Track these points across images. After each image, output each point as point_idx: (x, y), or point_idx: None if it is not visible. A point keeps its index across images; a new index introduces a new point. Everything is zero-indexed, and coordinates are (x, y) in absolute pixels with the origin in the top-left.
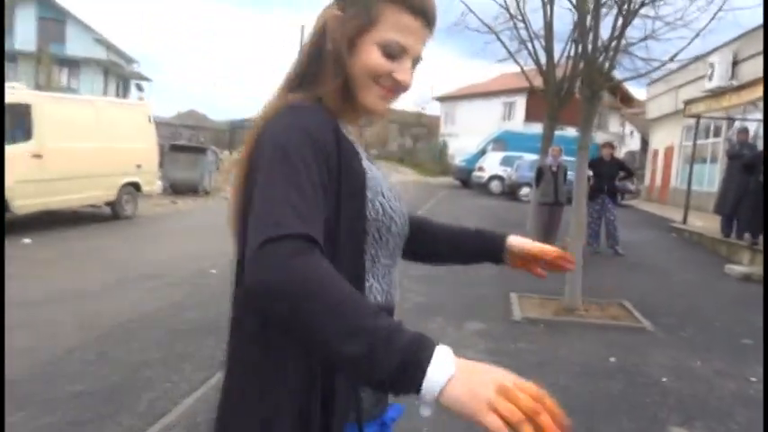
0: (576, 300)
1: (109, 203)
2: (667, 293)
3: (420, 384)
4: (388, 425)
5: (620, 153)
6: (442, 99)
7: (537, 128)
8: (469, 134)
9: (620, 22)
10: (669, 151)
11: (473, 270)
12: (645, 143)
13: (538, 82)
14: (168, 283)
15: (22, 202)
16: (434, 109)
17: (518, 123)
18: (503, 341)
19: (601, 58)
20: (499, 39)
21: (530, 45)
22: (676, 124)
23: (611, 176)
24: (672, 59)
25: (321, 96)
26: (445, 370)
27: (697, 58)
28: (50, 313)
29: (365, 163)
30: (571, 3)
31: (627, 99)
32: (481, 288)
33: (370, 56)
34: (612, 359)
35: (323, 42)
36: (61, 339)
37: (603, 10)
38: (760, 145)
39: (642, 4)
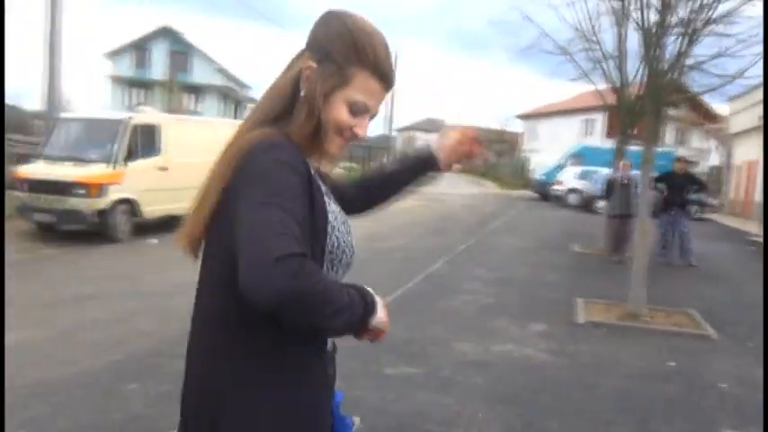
0: (640, 306)
1: None
2: (737, 304)
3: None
4: (337, 403)
5: (704, 168)
6: (523, 117)
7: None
8: (551, 150)
9: (684, 41)
10: (752, 165)
11: (541, 276)
12: (728, 158)
13: (612, 99)
14: None
15: (150, 208)
16: (516, 126)
17: (597, 139)
18: (564, 342)
19: (666, 77)
20: (573, 60)
21: (603, 65)
22: (758, 138)
23: (682, 189)
24: (738, 76)
25: (288, 134)
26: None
27: None
28: (166, 302)
29: (326, 198)
30: (636, 23)
31: (709, 114)
32: (548, 292)
33: (340, 112)
34: (672, 363)
35: (297, 88)
36: (179, 324)
37: (669, 30)
38: None
39: (706, 24)
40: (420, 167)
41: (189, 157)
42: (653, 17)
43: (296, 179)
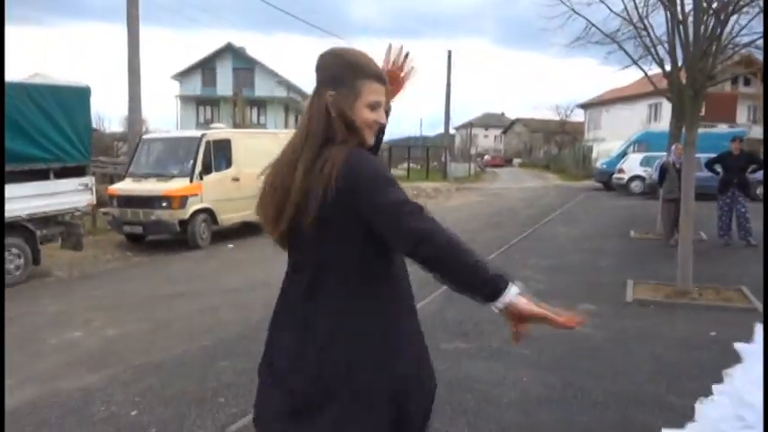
0: (688, 284)
1: None
2: None
3: (501, 295)
4: None
5: None
6: (585, 106)
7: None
8: (615, 138)
9: (715, 23)
10: None
11: (595, 261)
12: None
13: (664, 85)
14: None
15: (225, 216)
16: (579, 116)
17: (665, 124)
18: (610, 318)
19: (701, 61)
20: (622, 48)
21: (653, 51)
22: None
23: (740, 169)
24: None
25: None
26: (513, 291)
27: None
28: (246, 297)
29: None
30: (665, 6)
31: None
32: (600, 276)
33: (364, 113)
34: (713, 333)
35: (329, 113)
36: (253, 314)
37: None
38: None
39: (736, 7)
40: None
41: (258, 167)
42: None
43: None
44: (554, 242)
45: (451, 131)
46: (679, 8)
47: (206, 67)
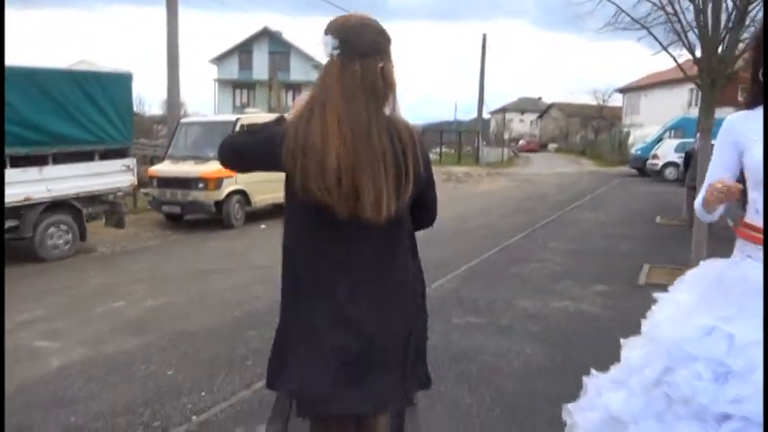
0: None
1: None
2: None
3: None
4: None
5: None
6: (624, 90)
7: (728, 112)
8: (653, 123)
9: (734, 15)
10: None
11: (616, 246)
12: None
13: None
14: None
15: (258, 197)
16: (617, 100)
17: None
18: (620, 300)
19: (718, 51)
20: (651, 33)
21: (683, 36)
22: None
23: None
24: None
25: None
26: None
27: None
28: (275, 274)
29: None
30: None
31: None
32: (619, 260)
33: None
34: None
35: (385, 81)
36: (279, 292)
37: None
38: None
39: None
40: None
41: None
42: None
43: None
44: (579, 227)
45: (486, 116)
46: None
47: (243, 50)
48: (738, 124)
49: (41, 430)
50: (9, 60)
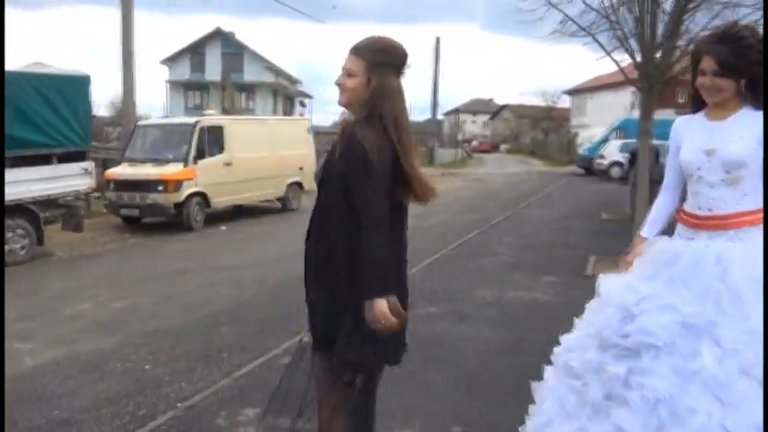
0: None
1: (279, 199)
2: None
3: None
4: None
5: None
6: (571, 92)
7: (666, 114)
8: (599, 124)
9: (669, 26)
10: None
11: (564, 240)
12: None
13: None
14: None
15: (218, 199)
16: (565, 102)
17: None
18: (567, 289)
19: (655, 59)
20: (596, 40)
21: (625, 43)
22: None
23: None
24: None
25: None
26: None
27: None
28: (239, 274)
29: None
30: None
31: None
32: (567, 253)
33: None
34: None
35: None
36: (247, 289)
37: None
38: None
39: (685, 9)
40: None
41: (249, 152)
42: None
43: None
44: (530, 223)
45: (440, 117)
46: (637, 7)
47: (195, 52)
48: (679, 127)
49: (27, 424)
50: None
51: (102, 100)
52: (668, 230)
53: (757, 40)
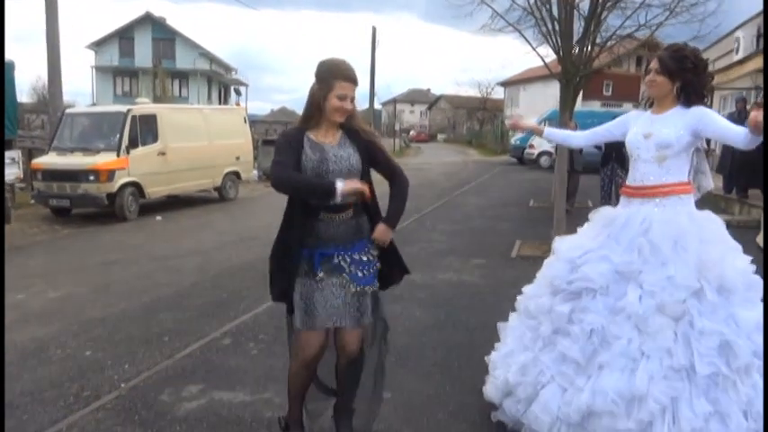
0: None
1: (216, 188)
2: None
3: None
4: (317, 254)
5: None
6: (505, 84)
7: (593, 105)
8: (532, 115)
9: (582, 26)
10: None
11: (494, 226)
12: None
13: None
14: (262, 243)
15: (152, 189)
16: (499, 93)
17: (577, 103)
18: (495, 270)
19: (573, 55)
20: (523, 36)
21: (549, 39)
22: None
23: (620, 145)
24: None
25: (307, 121)
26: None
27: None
28: (178, 263)
29: (305, 149)
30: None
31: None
32: (496, 238)
33: (334, 101)
34: None
35: (312, 99)
36: (187, 277)
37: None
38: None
39: (604, 6)
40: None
41: (183, 142)
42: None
43: (285, 140)
44: (462, 210)
45: (378, 107)
46: (556, 7)
47: (123, 36)
48: (631, 117)
49: None
50: None
51: (24, 86)
52: (611, 202)
53: (695, 58)
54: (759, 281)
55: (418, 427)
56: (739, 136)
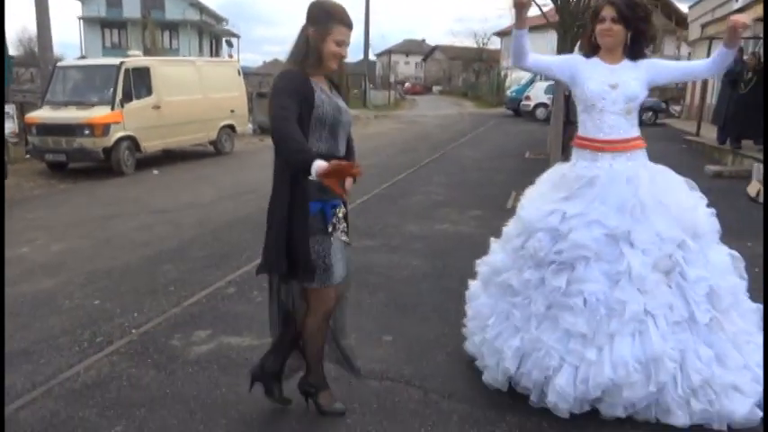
0: None
1: (211, 142)
2: None
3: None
4: (329, 206)
5: None
6: (501, 34)
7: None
8: None
9: None
10: None
11: (490, 178)
12: None
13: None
14: (259, 196)
15: (147, 143)
16: (496, 44)
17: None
18: (490, 221)
19: (573, 0)
20: None
21: None
22: (714, 45)
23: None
24: None
25: (302, 65)
26: (316, 164)
27: None
28: (177, 216)
29: (318, 96)
30: None
31: (682, 21)
32: (492, 190)
33: (330, 46)
34: None
35: (308, 42)
36: (187, 231)
37: None
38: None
39: None
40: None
41: (177, 95)
42: None
43: (290, 85)
44: (459, 162)
45: (372, 58)
46: None
47: None
48: (578, 60)
49: None
50: None
51: (10, 38)
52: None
53: (645, 7)
54: (716, 222)
55: (419, 368)
56: (701, 65)
